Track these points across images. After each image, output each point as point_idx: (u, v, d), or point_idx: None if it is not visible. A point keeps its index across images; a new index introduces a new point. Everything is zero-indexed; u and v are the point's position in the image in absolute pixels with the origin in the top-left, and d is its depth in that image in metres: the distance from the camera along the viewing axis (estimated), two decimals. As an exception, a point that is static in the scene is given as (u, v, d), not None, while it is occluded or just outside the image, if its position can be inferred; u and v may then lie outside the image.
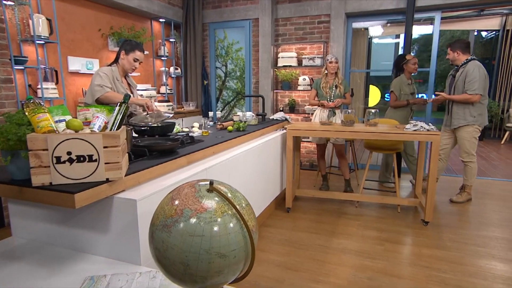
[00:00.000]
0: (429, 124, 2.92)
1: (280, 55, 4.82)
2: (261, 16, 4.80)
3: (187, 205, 0.89)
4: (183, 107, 5.18)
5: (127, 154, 1.57)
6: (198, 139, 2.35)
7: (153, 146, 1.84)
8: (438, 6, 4.08)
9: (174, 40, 5.28)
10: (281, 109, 4.94)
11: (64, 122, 1.33)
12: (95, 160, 1.27)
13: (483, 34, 8.99)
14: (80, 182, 1.28)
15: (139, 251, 1.37)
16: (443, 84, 3.83)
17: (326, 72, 3.58)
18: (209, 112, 3.48)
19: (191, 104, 5.11)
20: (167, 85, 5.17)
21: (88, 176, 1.28)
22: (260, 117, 3.56)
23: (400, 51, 8.79)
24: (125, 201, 1.38)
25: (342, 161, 3.70)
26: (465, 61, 3.26)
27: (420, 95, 3.05)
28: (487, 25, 7.43)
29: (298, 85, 4.76)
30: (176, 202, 0.92)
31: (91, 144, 1.26)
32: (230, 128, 2.79)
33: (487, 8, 5.84)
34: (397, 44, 8.05)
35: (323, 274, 2.19)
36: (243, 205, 0.97)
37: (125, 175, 1.44)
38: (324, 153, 3.80)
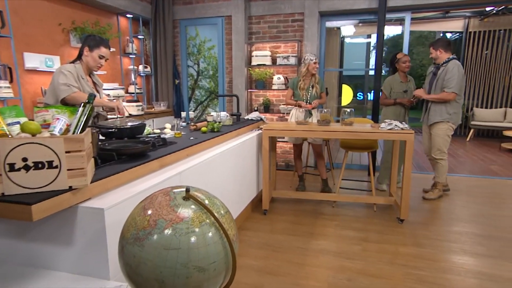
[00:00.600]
0: (403, 123, 3.00)
1: (254, 53, 4.79)
2: (234, 13, 4.75)
3: (161, 215, 0.83)
4: (153, 107, 5.02)
5: (92, 159, 1.47)
6: (171, 141, 2.26)
7: (122, 149, 1.74)
8: (409, 7, 4.21)
9: (143, 37, 5.10)
10: (255, 108, 4.92)
11: (18, 125, 1.22)
12: (56, 167, 1.17)
13: (448, 35, 9.43)
14: (38, 192, 1.17)
15: (107, 264, 1.27)
16: (416, 83, 3.95)
17: (306, 72, 3.54)
18: (182, 112, 3.37)
19: (162, 104, 4.96)
20: (136, 84, 4.99)
21: (48, 184, 1.18)
22: (235, 117, 3.50)
23: (372, 51, 9.06)
24: (91, 210, 1.28)
25: (320, 161, 3.72)
26: (447, 59, 3.37)
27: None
28: (452, 26, 7.82)
29: (273, 84, 4.76)
30: (149, 212, 0.85)
31: (51, 149, 1.15)
32: (204, 129, 2.72)
33: (452, 10, 6.13)
34: (368, 44, 8.28)
35: (302, 277, 2.18)
36: (222, 212, 0.92)
37: (91, 182, 1.34)
38: (300, 153, 3.81)
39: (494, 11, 6.91)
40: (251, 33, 4.86)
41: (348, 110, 3.25)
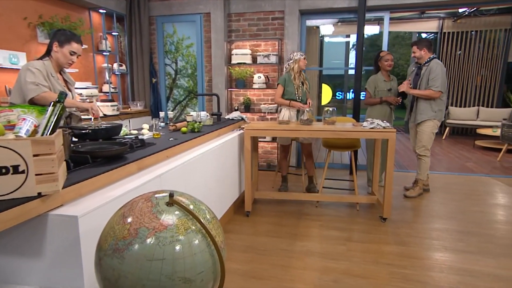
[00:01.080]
0: (384, 121, 3.04)
1: (233, 51, 4.73)
2: (213, 10, 4.68)
3: (142, 223, 0.77)
4: (129, 107, 4.86)
5: (64, 162, 1.37)
6: (149, 142, 2.17)
7: (97, 151, 1.65)
8: (387, 6, 4.29)
9: (117, 33, 4.93)
10: (236, 108, 4.86)
11: (-22, 127, 1.11)
12: (23, 172, 1.08)
13: (423, 35, 9.73)
14: (2, 199, 1.07)
15: (82, 277, 1.19)
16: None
17: (295, 69, 3.51)
18: (160, 112, 3.27)
19: (138, 104, 4.82)
20: (111, 83, 4.81)
21: (14, 191, 1.08)
22: (215, 117, 3.44)
23: (351, 51, 9.21)
24: (64, 218, 1.19)
25: (310, 160, 3.75)
26: (429, 59, 3.44)
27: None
28: (427, 27, 8.07)
29: (253, 83, 4.72)
30: (129, 220, 0.79)
31: (16, 153, 1.06)
32: (184, 129, 2.64)
33: (429, 10, 6.30)
34: (347, 43, 8.41)
35: (288, 280, 2.15)
36: (209, 218, 0.87)
37: (63, 188, 1.25)
38: (288, 154, 3.79)
39: (467, 13, 7.19)
40: (230, 31, 4.81)
41: (331, 109, 3.27)
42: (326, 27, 8.08)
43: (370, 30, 7.85)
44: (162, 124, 3.07)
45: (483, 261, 2.39)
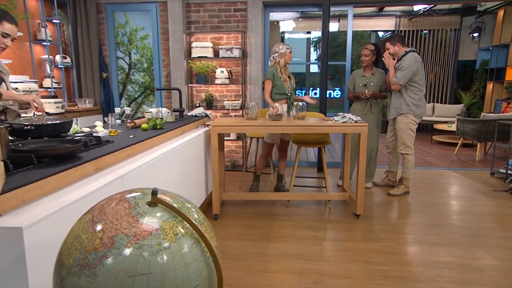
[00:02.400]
0: (357, 116, 3.07)
1: (193, 44, 4.55)
2: (170, -1, 4.46)
3: (119, 230, 0.63)
4: (76, 105, 4.48)
5: (1, 163, 1.16)
6: (106, 140, 1.96)
7: (44, 150, 1.43)
8: (351, 1, 4.38)
9: (59, 21, 4.52)
10: (197, 105, 4.68)
11: None
12: None
13: (380, 34, 10.19)
14: None
15: (31, 302, 0.99)
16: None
17: (281, 63, 3.42)
18: (116, 108, 3.01)
19: (87, 101, 4.45)
20: (53, 77, 4.40)
21: None
22: (178, 113, 3.26)
23: (314, 47, 9.37)
24: (3, 231, 0.99)
25: (284, 158, 3.71)
26: (404, 52, 3.49)
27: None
28: (384, 25, 8.45)
29: (216, 78, 4.58)
30: (100, 227, 0.64)
31: None
32: (144, 126, 2.44)
33: (389, 6, 6.56)
34: (308, 39, 8.55)
35: (266, 286, 2.06)
36: (199, 219, 0.74)
37: (1, 193, 1.04)
38: (270, 152, 3.67)
39: (421, 12, 7.64)
40: (190, 22, 4.62)
41: (300, 103, 3.23)
42: (286, 22, 8.15)
43: (330, 27, 8.04)
44: (118, 121, 2.83)
45: (456, 252, 2.48)
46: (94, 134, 2.02)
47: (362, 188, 3.00)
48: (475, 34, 7.96)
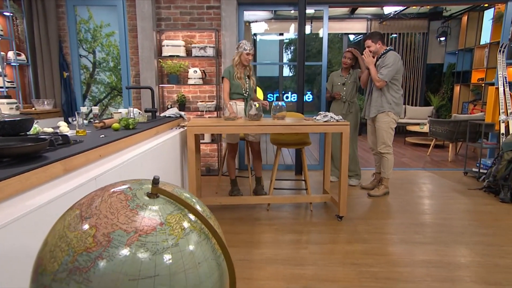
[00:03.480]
0: (339, 115, 3.08)
1: (164, 43, 4.42)
2: (138, -6, 4.31)
3: (116, 225, 0.54)
4: (33, 107, 4.19)
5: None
6: (75, 139, 1.81)
7: (3, 148, 1.28)
8: (327, 0, 4.45)
9: (11, 14, 4.23)
10: (169, 106, 4.53)
11: None
12: None
13: (351, 37, 10.48)
14: None
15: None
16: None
17: (238, 61, 3.37)
18: (82, 108, 2.82)
19: (46, 103, 4.18)
20: (6, 76, 4.09)
21: None
22: (150, 114, 3.12)
23: (286, 49, 9.43)
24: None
25: (258, 159, 3.65)
26: (385, 51, 3.57)
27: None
28: (356, 27, 8.68)
29: (189, 78, 4.46)
30: (91, 223, 0.55)
31: None
32: (116, 125, 2.30)
33: (363, 6, 6.72)
34: (281, 41, 8.61)
35: (253, 295, 1.98)
36: (205, 211, 0.67)
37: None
38: (236, 153, 3.61)
39: (392, 15, 7.93)
40: (160, 20, 4.49)
41: (280, 103, 3.20)
42: (258, 24, 8.17)
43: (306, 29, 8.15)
44: (85, 121, 2.65)
45: (441, 250, 2.52)
46: (60, 133, 1.86)
47: (345, 189, 3.00)
48: (442, 38, 8.37)
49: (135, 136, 2.21)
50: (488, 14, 7.46)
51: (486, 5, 7.13)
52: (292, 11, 7.19)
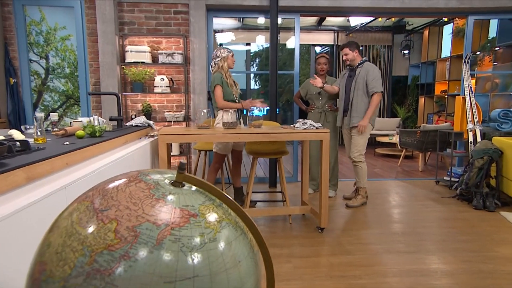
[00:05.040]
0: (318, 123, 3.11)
1: (128, 48, 4.27)
2: (99, -5, 4.16)
3: (142, 217, 0.46)
4: (-26, 116, 3.85)
5: None
6: (36, 146, 1.65)
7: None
8: (298, 8, 4.55)
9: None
10: (132, 116, 4.35)
11: None
12: None
13: (317, 49, 10.81)
14: None
15: None
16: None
17: (225, 67, 3.35)
18: (37, 114, 2.61)
19: (-11, 112, 3.85)
20: None
21: None
22: (115, 122, 2.96)
23: (254, 59, 9.51)
24: None
25: (239, 169, 3.61)
26: (361, 61, 3.68)
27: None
28: (323, 39, 8.98)
29: (155, 86, 4.33)
30: (110, 215, 0.46)
31: None
32: (80, 132, 2.14)
33: (336, 16, 6.93)
34: (248, 51, 8.69)
35: (239, 315, 1.87)
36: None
37: None
38: (222, 165, 3.50)
39: (358, 27, 8.30)
40: (123, 23, 4.35)
41: (256, 110, 3.18)
42: (225, 34, 8.20)
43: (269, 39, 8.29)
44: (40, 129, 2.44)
45: (427, 259, 2.57)
46: (17, 139, 1.69)
47: (326, 200, 3.00)
48: (406, 51, 8.87)
49: (104, 144, 2.07)
50: (448, 29, 8.04)
51: (446, 19, 7.69)
52: (260, 21, 7.30)
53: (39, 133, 1.95)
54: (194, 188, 0.53)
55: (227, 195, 0.53)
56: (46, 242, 0.47)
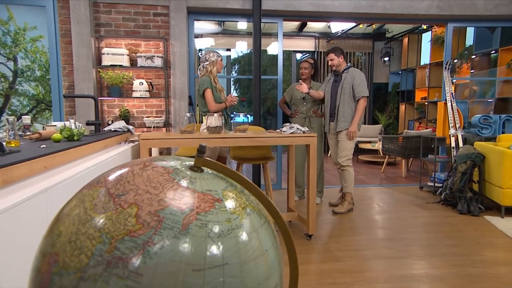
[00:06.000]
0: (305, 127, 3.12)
1: (104, 50, 4.19)
2: (73, -5, 4.07)
3: (165, 201, 0.44)
4: None
5: None
6: (9, 149, 1.57)
7: None
8: (282, 12, 4.60)
9: None
10: (109, 122, 4.25)
11: None
12: None
13: (298, 56, 10.96)
14: None
15: None
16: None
17: (214, 72, 3.36)
18: (8, 117, 2.49)
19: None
20: None
21: None
22: (93, 127, 2.88)
23: (234, 65, 9.52)
24: None
25: None
26: (347, 67, 3.77)
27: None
28: (304, 45, 9.12)
29: (133, 91, 4.24)
30: (129, 200, 0.44)
31: None
32: (57, 136, 2.06)
33: (318, 21, 7.04)
34: (228, 57, 8.70)
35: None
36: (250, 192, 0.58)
37: None
38: None
39: (339, 34, 8.48)
40: (99, 25, 4.26)
41: (241, 114, 3.18)
42: (204, 39, 8.19)
43: (250, 45, 8.35)
44: (12, 133, 2.34)
45: (417, 264, 2.60)
46: (-10, 141, 1.61)
47: (313, 207, 3.00)
48: (386, 59, 9.12)
49: (83, 148, 2.00)
50: (426, 37, 8.35)
51: (425, 27, 7.98)
52: (240, 26, 7.35)
53: (11, 136, 1.87)
54: (210, 172, 0.51)
55: (250, 181, 0.51)
56: (56, 232, 0.43)
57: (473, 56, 7.05)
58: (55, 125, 2.71)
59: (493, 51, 6.49)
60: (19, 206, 1.10)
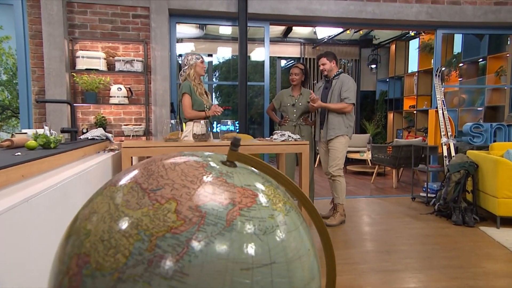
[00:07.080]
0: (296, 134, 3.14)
1: (79, 54, 4.11)
2: (45, -6, 4.00)
3: (205, 196, 0.43)
4: None
5: None
6: (-18, 155, 1.51)
7: None
8: (268, 16, 4.66)
9: None
10: (84, 130, 4.15)
11: None
12: None
13: (283, 63, 11.07)
14: None
15: None
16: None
17: (194, 75, 3.37)
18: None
19: None
20: None
21: None
22: (68, 134, 2.81)
23: (216, 71, 9.52)
24: None
25: None
26: (337, 72, 3.82)
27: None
28: (289, 51, 9.23)
29: (110, 97, 4.17)
30: (166, 195, 0.42)
31: None
32: (32, 143, 1.99)
33: (306, 25, 7.15)
34: (210, 63, 8.71)
35: None
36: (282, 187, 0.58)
37: None
38: None
39: (325, 40, 8.64)
40: (73, 26, 4.19)
41: (229, 122, 3.17)
42: (184, 44, 8.18)
43: (234, 51, 8.40)
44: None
45: (415, 277, 2.62)
46: (-40, 148, 1.54)
47: (307, 217, 3.00)
48: (373, 66, 9.32)
49: (62, 156, 1.94)
50: (414, 44, 8.60)
51: (412, 34, 8.22)
52: (222, 31, 7.38)
53: (-18, 143, 1.80)
54: (243, 167, 0.50)
55: (286, 176, 0.51)
56: (83, 232, 0.41)
57: (461, 64, 7.30)
58: (25, 133, 2.63)
59: (481, 59, 6.75)
60: (1, 215, 1.05)
